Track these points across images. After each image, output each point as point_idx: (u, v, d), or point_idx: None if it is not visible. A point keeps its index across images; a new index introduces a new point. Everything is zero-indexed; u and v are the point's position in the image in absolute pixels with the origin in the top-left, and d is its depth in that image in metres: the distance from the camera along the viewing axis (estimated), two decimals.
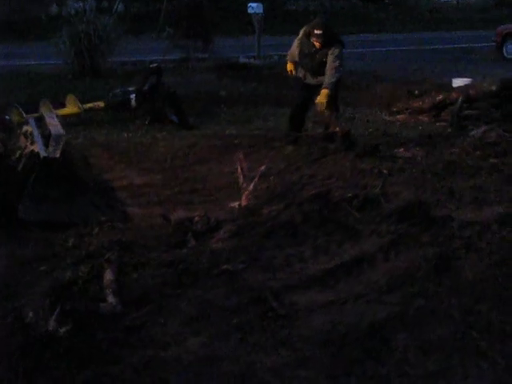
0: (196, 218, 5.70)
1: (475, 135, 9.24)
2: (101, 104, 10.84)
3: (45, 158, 5.85)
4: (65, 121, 9.24)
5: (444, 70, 15.99)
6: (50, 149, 6.05)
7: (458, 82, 12.25)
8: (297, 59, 8.70)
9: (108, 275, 4.54)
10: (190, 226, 5.59)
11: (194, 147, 9.01)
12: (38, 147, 6.03)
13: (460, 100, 10.29)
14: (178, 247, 5.20)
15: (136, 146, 9.14)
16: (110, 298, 4.25)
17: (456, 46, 22.32)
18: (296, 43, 8.67)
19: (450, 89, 11.72)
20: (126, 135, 9.89)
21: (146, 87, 10.73)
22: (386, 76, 15.40)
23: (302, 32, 8.58)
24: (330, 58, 8.26)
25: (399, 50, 21.39)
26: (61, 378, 3.51)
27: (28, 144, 6.28)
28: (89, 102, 10.84)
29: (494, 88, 10.55)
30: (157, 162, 8.40)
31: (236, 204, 6.19)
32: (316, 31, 8.21)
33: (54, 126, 6.50)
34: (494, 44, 20.20)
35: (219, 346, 3.81)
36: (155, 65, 11.95)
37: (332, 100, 8.42)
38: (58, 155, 6.03)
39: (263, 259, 4.93)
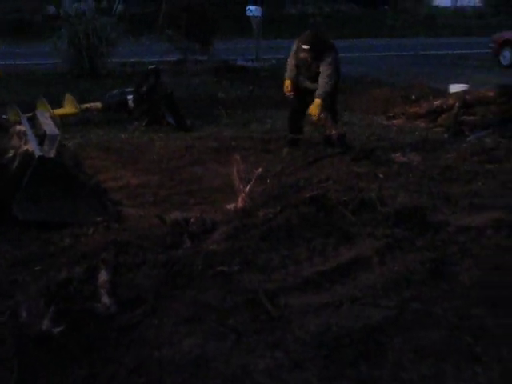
0: (192, 220, 5.69)
1: (472, 141, 9.28)
2: (98, 105, 10.83)
3: (40, 157, 5.84)
4: (61, 121, 9.26)
5: (441, 76, 16.01)
6: (45, 148, 6.05)
7: (455, 88, 12.26)
8: (295, 73, 8.63)
9: (103, 275, 4.53)
10: (185, 227, 5.58)
11: (191, 149, 9.00)
12: (32, 146, 6.01)
13: (457, 105, 10.30)
14: (173, 248, 5.19)
15: (133, 147, 9.12)
16: (105, 299, 4.24)
17: (453, 51, 22.39)
18: (291, 57, 8.62)
19: (447, 94, 11.73)
20: (122, 136, 9.87)
21: (144, 88, 10.72)
22: (383, 81, 15.41)
23: (294, 45, 8.54)
24: (322, 68, 8.22)
25: (396, 55, 21.44)
26: (55, 378, 3.50)
27: (22, 143, 6.27)
28: (87, 102, 10.83)
29: (490, 94, 10.55)
30: (153, 162, 8.39)
31: (232, 206, 6.18)
32: (303, 46, 8.20)
33: (49, 125, 6.49)
34: (490, 51, 20.18)
35: (213, 347, 3.80)
36: (154, 66, 11.93)
37: (327, 107, 8.39)
38: (52, 155, 6.03)
39: (258, 261, 4.93)
